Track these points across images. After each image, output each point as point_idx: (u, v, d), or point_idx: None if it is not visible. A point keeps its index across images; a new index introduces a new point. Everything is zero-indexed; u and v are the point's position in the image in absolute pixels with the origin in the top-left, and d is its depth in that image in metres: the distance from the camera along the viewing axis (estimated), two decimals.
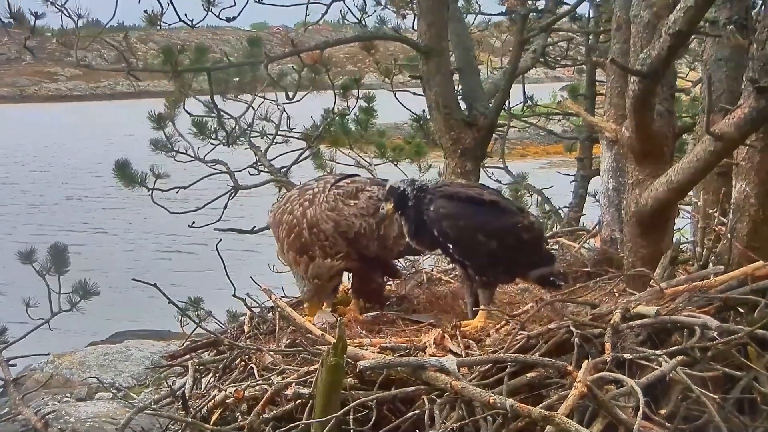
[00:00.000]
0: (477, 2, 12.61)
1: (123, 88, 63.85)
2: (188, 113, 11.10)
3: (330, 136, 11.80)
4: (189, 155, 10.98)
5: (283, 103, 11.14)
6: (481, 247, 5.26)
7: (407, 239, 5.47)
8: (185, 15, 9.49)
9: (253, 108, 11.20)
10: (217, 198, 10.85)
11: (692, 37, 6.50)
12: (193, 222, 10.44)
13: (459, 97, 9.74)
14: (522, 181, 12.53)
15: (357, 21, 11.22)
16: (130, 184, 10.91)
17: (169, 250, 23.84)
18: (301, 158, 11.29)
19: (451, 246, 5.32)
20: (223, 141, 11.10)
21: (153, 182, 10.70)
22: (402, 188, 5.37)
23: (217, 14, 9.68)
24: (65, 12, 9.44)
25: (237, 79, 11.26)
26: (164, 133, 11.04)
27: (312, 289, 5.69)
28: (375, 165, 11.69)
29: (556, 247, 6.83)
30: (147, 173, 10.83)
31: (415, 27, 9.76)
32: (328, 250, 5.56)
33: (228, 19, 9.77)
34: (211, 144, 11.07)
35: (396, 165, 11.96)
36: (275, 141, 11.25)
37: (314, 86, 11.16)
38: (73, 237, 24.30)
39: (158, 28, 9.90)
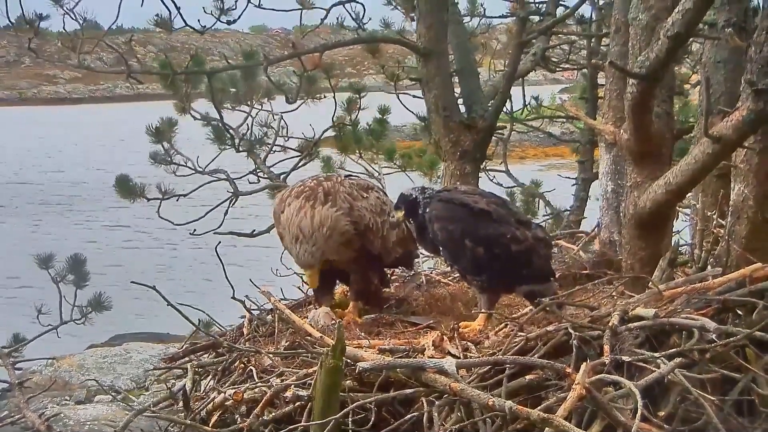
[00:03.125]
0: (482, 5, 12.66)
1: (122, 91, 63.94)
2: (195, 117, 11.12)
3: (340, 143, 11.85)
4: (189, 167, 11.02)
5: (282, 112, 11.17)
6: (467, 253, 5.28)
7: (415, 245, 5.60)
8: (197, 21, 9.55)
9: (251, 116, 11.24)
10: (218, 205, 10.88)
11: (690, 39, 6.51)
12: (194, 230, 10.48)
13: (458, 100, 9.76)
14: (535, 189, 12.53)
15: (357, 26, 11.20)
16: (130, 196, 10.96)
17: (170, 251, 23.86)
18: (300, 165, 11.31)
19: (441, 249, 5.40)
20: (234, 146, 11.13)
21: (160, 197, 10.76)
22: (414, 196, 5.43)
23: (217, 17, 9.72)
24: (72, 15, 9.50)
25: (233, 90, 11.30)
26: (162, 146, 11.08)
27: (320, 247, 5.51)
28: (384, 174, 11.74)
29: (555, 250, 6.82)
30: (146, 184, 10.88)
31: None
32: (337, 205, 5.55)
33: (228, 22, 9.81)
34: (223, 149, 11.10)
35: (404, 171, 12.02)
36: (273, 150, 11.28)
37: (310, 93, 11.18)
38: (73, 238, 24.35)
39: (170, 31, 9.93)
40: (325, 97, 11.42)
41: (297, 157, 11.39)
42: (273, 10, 10.48)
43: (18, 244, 22.88)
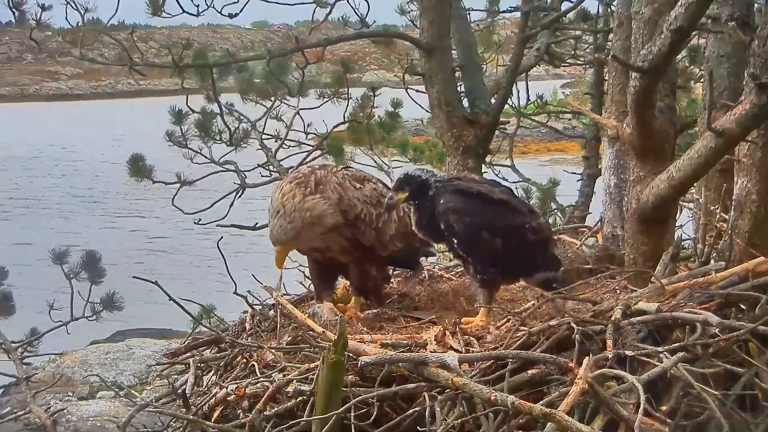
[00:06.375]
0: (497, 7, 12.66)
1: (124, 87, 63.98)
2: (191, 110, 11.12)
3: (353, 135, 11.87)
4: (203, 155, 11.03)
5: (300, 108, 11.17)
6: (485, 245, 5.24)
7: (414, 228, 5.42)
8: (196, 7, 9.53)
9: (270, 112, 11.23)
10: (224, 197, 10.89)
11: (693, 34, 6.50)
12: (199, 219, 10.48)
13: (461, 95, 9.76)
14: (545, 187, 12.52)
15: (361, 21, 11.20)
16: (139, 176, 10.96)
17: (171, 247, 23.89)
18: (308, 159, 11.30)
19: (455, 241, 5.29)
20: (227, 141, 11.13)
21: (168, 183, 10.77)
22: (424, 177, 5.32)
23: (219, 11, 9.72)
24: (73, 5, 9.49)
25: (261, 80, 11.29)
26: (180, 129, 11.08)
27: (296, 226, 5.51)
28: (393, 168, 11.76)
29: (558, 244, 6.81)
30: (153, 166, 10.90)
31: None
32: (326, 196, 5.56)
33: (230, 16, 9.81)
34: (217, 144, 11.11)
35: (414, 165, 12.04)
36: (285, 144, 11.28)
37: (337, 93, 11.21)
38: (74, 234, 24.39)
39: (160, 15, 9.90)
40: (350, 97, 11.45)
41: (307, 152, 11.38)
42: (278, 3, 10.47)
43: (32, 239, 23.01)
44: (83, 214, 29.02)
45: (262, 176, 11.14)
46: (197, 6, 9.57)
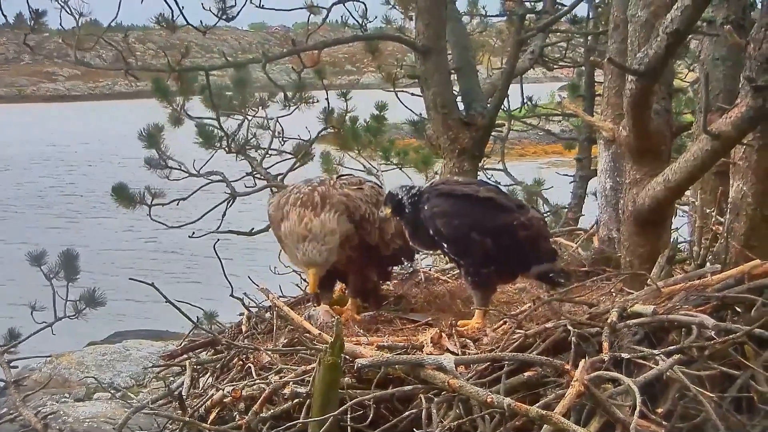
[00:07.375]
0: (483, 8, 12.70)
1: (121, 88, 63.88)
2: (191, 117, 11.11)
3: (339, 140, 11.85)
4: (183, 170, 11.00)
5: (277, 117, 11.17)
6: (475, 246, 5.25)
7: (409, 241, 5.50)
8: (200, 21, 9.57)
9: (247, 119, 11.22)
10: (215, 207, 10.88)
11: (689, 36, 6.51)
12: (194, 232, 10.46)
13: (457, 97, 9.77)
14: (537, 188, 12.51)
15: (359, 25, 11.24)
16: (129, 205, 10.94)
17: (168, 250, 23.85)
18: (297, 166, 11.30)
19: (445, 245, 5.32)
20: (226, 149, 11.11)
21: (150, 201, 10.74)
22: (400, 196, 5.40)
23: (218, 16, 9.73)
24: (67, 10, 9.49)
25: (229, 93, 11.28)
26: (156, 151, 11.05)
27: (330, 247, 5.52)
28: (382, 171, 11.75)
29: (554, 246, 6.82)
30: (144, 192, 10.87)
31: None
32: (335, 206, 5.56)
33: (227, 19, 9.80)
34: (214, 149, 11.10)
35: (401, 169, 12.03)
36: (269, 153, 11.27)
37: (303, 99, 11.20)
38: (72, 235, 24.34)
39: (173, 30, 9.92)
40: (318, 101, 11.43)
41: (292, 159, 11.37)
42: (274, 9, 10.51)
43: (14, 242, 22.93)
44: (87, 214, 28.99)
45: (247, 186, 11.13)
46: (206, 25, 9.59)
